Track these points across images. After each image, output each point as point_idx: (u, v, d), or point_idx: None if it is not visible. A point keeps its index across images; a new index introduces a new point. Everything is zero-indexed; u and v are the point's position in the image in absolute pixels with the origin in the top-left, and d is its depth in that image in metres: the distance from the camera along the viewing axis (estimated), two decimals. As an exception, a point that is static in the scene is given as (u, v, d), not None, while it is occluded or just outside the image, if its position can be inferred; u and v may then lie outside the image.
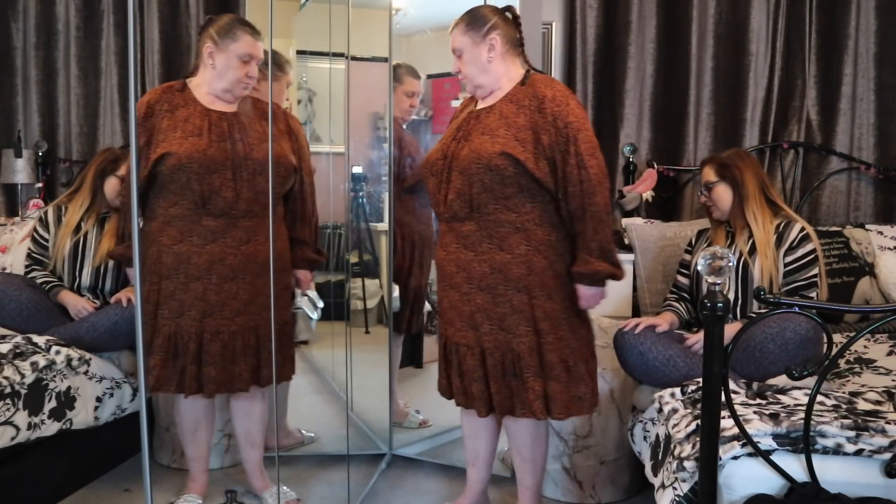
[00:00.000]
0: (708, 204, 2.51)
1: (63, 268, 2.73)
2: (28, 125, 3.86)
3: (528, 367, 2.05)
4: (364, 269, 3.41)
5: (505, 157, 2.00)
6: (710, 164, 2.52)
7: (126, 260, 2.43)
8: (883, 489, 1.58)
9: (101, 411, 2.51)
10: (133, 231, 1.32)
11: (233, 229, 2.27)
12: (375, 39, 2.86)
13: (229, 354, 2.30)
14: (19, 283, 2.64)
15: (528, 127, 2.02)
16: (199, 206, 2.24)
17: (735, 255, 2.37)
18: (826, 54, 3.34)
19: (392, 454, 2.88)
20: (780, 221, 2.39)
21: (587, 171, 1.99)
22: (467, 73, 2.14)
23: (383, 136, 3.13)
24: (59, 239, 2.73)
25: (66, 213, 2.76)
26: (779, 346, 2.04)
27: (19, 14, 3.82)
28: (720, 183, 2.46)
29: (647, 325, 2.28)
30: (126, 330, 2.53)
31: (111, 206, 2.76)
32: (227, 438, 2.76)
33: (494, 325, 2.07)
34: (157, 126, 2.25)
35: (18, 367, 2.25)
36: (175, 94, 2.30)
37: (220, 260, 2.26)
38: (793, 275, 2.32)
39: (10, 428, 2.19)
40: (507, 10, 2.17)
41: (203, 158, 2.20)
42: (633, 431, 2.28)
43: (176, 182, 2.22)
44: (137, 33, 3.62)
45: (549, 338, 2.05)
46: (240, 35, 2.27)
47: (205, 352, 2.27)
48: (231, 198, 2.24)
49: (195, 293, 2.25)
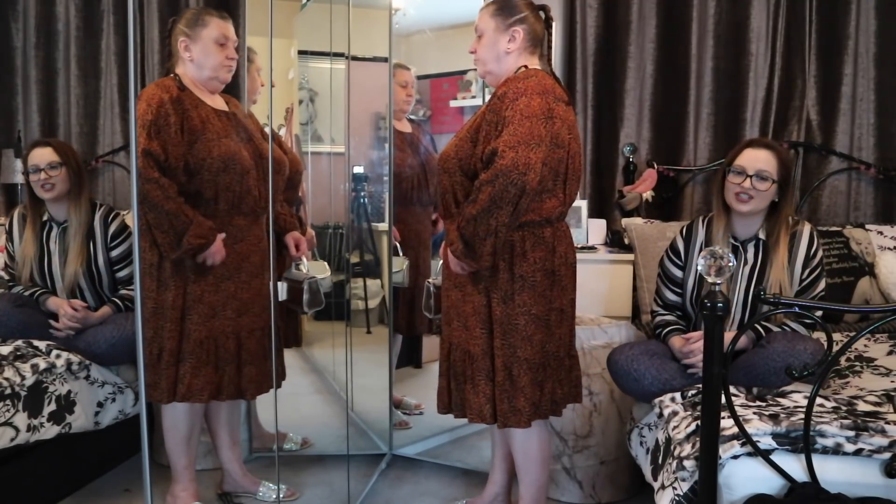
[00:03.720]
0: (748, 193, 2.15)
1: (38, 282, 2.61)
2: (28, 125, 3.85)
3: (480, 370, 2.06)
4: (365, 268, 3.41)
5: (456, 160, 2.06)
6: (773, 153, 2.17)
7: (199, 249, 2.19)
8: (883, 489, 1.58)
9: (102, 416, 2.50)
10: (134, 231, 1.32)
11: (254, 227, 2.34)
12: (375, 39, 2.86)
13: (262, 352, 2.33)
14: (7, 307, 2.49)
15: (478, 126, 2.04)
16: (233, 206, 2.27)
17: (744, 277, 2.21)
18: (826, 54, 3.34)
19: (392, 454, 2.88)
20: (790, 232, 2.21)
21: (500, 159, 1.90)
22: (481, 55, 2.13)
23: (384, 136, 3.13)
24: (20, 259, 2.60)
25: (25, 227, 2.61)
26: (782, 380, 1.97)
27: (19, 14, 3.82)
28: (775, 185, 2.16)
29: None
30: (125, 348, 2.47)
31: (53, 216, 2.60)
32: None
33: (461, 323, 2.11)
34: (184, 127, 2.19)
35: (19, 368, 2.25)
36: (182, 93, 2.25)
37: (247, 258, 2.30)
38: (804, 293, 2.19)
39: (9, 429, 2.18)
40: (542, 8, 2.14)
41: (241, 159, 2.26)
42: (630, 437, 2.26)
43: (217, 184, 2.22)
44: (137, 33, 3.62)
45: (497, 342, 2.04)
46: (209, 20, 2.28)
47: (244, 351, 2.29)
48: (257, 196, 2.32)
49: (227, 293, 2.26)
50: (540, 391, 2.07)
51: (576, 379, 2.19)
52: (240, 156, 2.26)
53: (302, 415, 3.09)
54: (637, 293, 3.11)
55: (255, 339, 2.32)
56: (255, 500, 2.53)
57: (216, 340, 2.25)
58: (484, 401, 2.06)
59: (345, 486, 2.59)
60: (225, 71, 2.32)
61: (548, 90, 1.98)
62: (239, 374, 2.30)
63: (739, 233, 2.24)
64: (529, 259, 2.03)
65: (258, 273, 2.33)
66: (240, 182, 2.26)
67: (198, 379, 2.23)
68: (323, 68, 3.54)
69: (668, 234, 3.08)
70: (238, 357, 2.29)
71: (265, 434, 2.89)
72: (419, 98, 3.28)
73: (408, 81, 3.05)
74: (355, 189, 3.20)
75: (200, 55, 2.28)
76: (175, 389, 2.24)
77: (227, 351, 2.27)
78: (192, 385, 2.23)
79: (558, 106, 2.00)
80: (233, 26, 2.34)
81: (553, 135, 1.97)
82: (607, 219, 3.50)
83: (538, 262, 2.04)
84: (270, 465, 2.76)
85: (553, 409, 2.12)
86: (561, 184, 2.05)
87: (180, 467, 2.39)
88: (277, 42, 2.99)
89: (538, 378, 2.06)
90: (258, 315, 2.33)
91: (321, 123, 3.65)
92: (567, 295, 2.13)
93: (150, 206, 2.11)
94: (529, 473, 2.20)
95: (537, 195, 2.00)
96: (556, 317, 2.09)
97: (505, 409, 2.04)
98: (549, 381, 2.09)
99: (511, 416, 2.05)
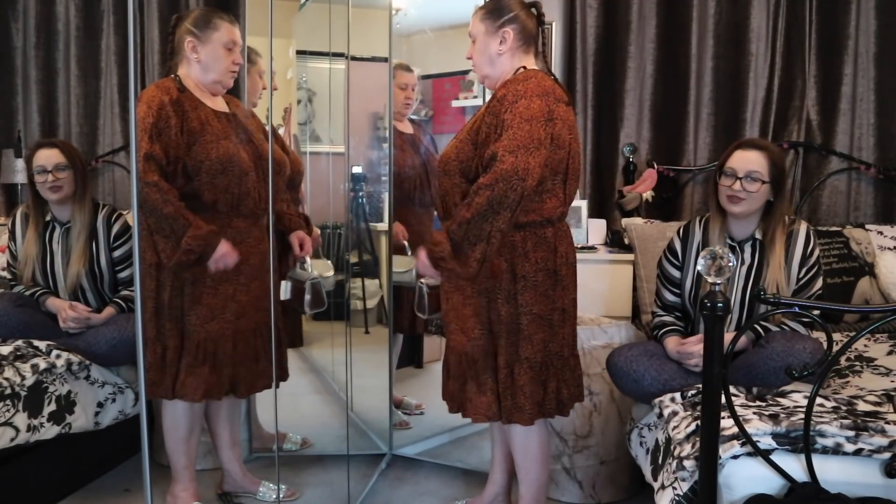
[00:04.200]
0: (740, 196, 2.15)
1: (40, 282, 2.62)
2: (28, 125, 3.86)
3: (484, 369, 2.07)
4: (364, 269, 3.41)
5: (456, 162, 2.05)
6: (763, 153, 2.16)
7: (203, 248, 2.16)
8: (883, 489, 1.58)
9: (102, 416, 2.50)
10: (134, 231, 1.32)
11: (254, 228, 2.33)
12: (375, 39, 2.86)
13: (254, 353, 2.33)
14: (7, 307, 2.49)
15: (478, 129, 2.03)
16: (232, 208, 2.26)
17: (742, 277, 2.21)
18: (826, 54, 3.34)
19: (392, 454, 2.88)
20: (787, 231, 2.20)
21: (500, 164, 1.89)
22: (476, 61, 2.14)
23: (383, 136, 3.13)
24: (22, 259, 2.61)
25: (26, 225, 2.62)
26: (781, 379, 1.97)
27: (19, 14, 3.82)
28: (767, 185, 2.15)
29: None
30: (126, 349, 2.47)
31: (57, 217, 2.60)
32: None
33: (458, 327, 2.11)
34: (183, 129, 2.19)
35: (19, 368, 2.25)
36: (182, 95, 2.23)
37: (246, 259, 2.28)
38: (801, 291, 2.19)
39: (9, 429, 2.18)
40: (533, 6, 2.13)
41: (240, 161, 2.25)
42: (629, 437, 2.26)
43: (216, 186, 2.21)
44: (137, 33, 3.62)
45: (501, 341, 2.05)
46: (220, 24, 2.26)
47: (237, 352, 2.29)
48: (257, 198, 2.31)
49: (226, 295, 2.25)
50: (543, 390, 2.07)
51: (578, 378, 2.20)
52: (238, 157, 2.25)
53: (302, 415, 3.09)
54: (637, 293, 3.11)
55: (249, 340, 2.32)
56: (255, 500, 2.53)
57: (215, 343, 2.25)
58: (492, 398, 2.07)
59: (345, 486, 2.59)
60: (229, 76, 2.31)
61: (548, 91, 1.97)
62: (231, 373, 2.30)
63: (736, 233, 2.24)
64: (531, 259, 2.03)
65: (257, 275, 2.33)
66: (238, 184, 2.25)
67: (192, 378, 2.23)
68: (322, 68, 3.54)
69: (668, 234, 3.07)
70: (233, 358, 2.29)
71: (265, 434, 2.89)
72: (421, 98, 3.27)
73: (408, 84, 3.03)
74: (353, 189, 3.20)
75: (208, 58, 2.25)
76: (174, 387, 2.25)
77: (225, 353, 2.27)
78: (186, 383, 2.23)
79: (559, 107, 1.99)
80: (239, 32, 2.32)
81: (554, 135, 1.97)
82: (607, 219, 3.51)
83: (540, 262, 2.04)
84: (270, 465, 2.76)
85: (559, 409, 2.12)
86: (561, 183, 2.05)
87: (180, 467, 2.39)
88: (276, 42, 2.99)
89: (540, 377, 2.06)
90: (254, 317, 2.33)
91: (319, 123, 3.65)
92: (569, 294, 2.13)
93: (150, 211, 2.10)
94: (530, 473, 2.20)
95: (538, 195, 2.00)
96: (559, 316, 2.09)
97: (508, 406, 2.06)
98: (552, 381, 2.09)
99: (514, 412, 2.06)
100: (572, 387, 2.16)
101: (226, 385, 2.30)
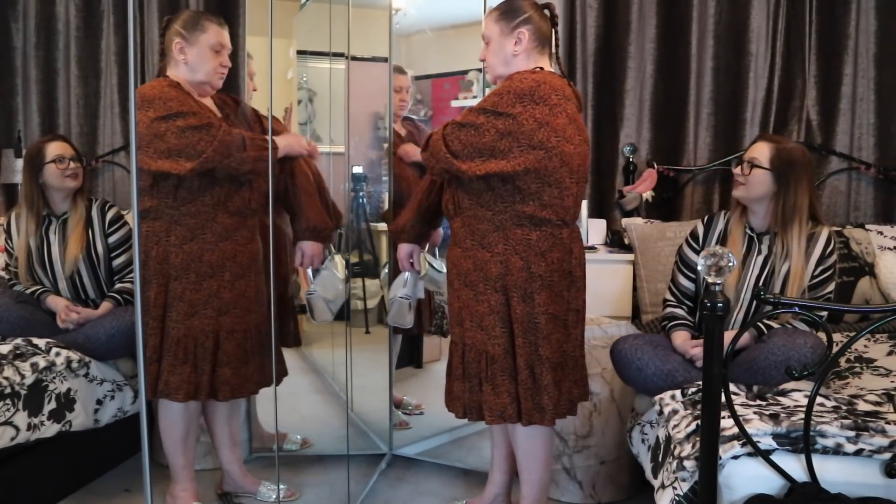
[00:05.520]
0: (739, 180, 2.25)
1: (38, 278, 2.66)
2: (28, 125, 3.85)
3: (502, 369, 2.05)
4: (364, 268, 3.41)
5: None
6: (769, 145, 2.23)
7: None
8: (883, 489, 1.58)
9: (101, 414, 2.50)
10: (134, 231, 1.33)
11: (242, 228, 2.30)
12: (375, 39, 2.86)
13: (241, 355, 2.30)
14: (8, 303, 2.54)
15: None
16: (218, 204, 2.24)
17: (757, 266, 2.23)
18: (826, 54, 3.34)
19: (392, 454, 2.88)
20: (809, 234, 2.21)
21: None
22: (490, 62, 2.13)
23: (383, 136, 3.13)
24: (18, 253, 2.66)
25: (21, 223, 2.66)
26: (782, 375, 1.96)
27: (19, 14, 3.81)
28: (768, 173, 2.20)
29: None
30: (124, 339, 2.49)
31: (54, 210, 2.66)
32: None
33: (474, 324, 2.09)
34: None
35: (18, 367, 2.25)
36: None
37: (232, 257, 2.27)
38: (813, 290, 2.20)
39: (9, 428, 2.19)
40: (546, 6, 2.14)
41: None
42: (631, 434, 2.27)
43: (200, 182, 2.20)
44: (137, 33, 3.62)
45: (519, 341, 2.04)
46: (207, 26, 2.27)
47: (221, 352, 2.26)
48: (248, 196, 2.29)
49: (208, 291, 2.24)
50: (559, 391, 2.08)
51: (585, 378, 2.21)
52: None
53: (302, 415, 3.09)
54: (637, 293, 3.11)
55: (234, 340, 2.29)
56: (255, 501, 2.53)
57: (195, 339, 2.24)
58: (509, 400, 2.05)
59: (345, 486, 2.59)
60: (217, 78, 2.31)
61: (556, 89, 1.99)
62: (214, 374, 2.27)
63: (755, 224, 2.28)
64: (548, 259, 2.04)
65: (243, 274, 2.30)
66: (224, 182, 2.22)
67: (174, 377, 2.23)
68: (322, 68, 3.54)
69: (668, 234, 3.08)
70: (214, 357, 2.27)
71: (265, 434, 2.89)
72: (420, 98, 3.27)
73: (402, 87, 3.01)
74: (354, 189, 3.19)
75: (195, 59, 2.26)
76: (156, 386, 2.24)
77: (206, 350, 2.25)
78: (169, 382, 2.23)
79: (569, 105, 2.01)
80: (228, 34, 2.33)
81: (577, 130, 2.02)
82: (607, 219, 3.51)
83: (556, 262, 2.04)
84: (270, 465, 2.76)
85: (570, 409, 2.13)
86: (576, 183, 2.05)
87: (179, 467, 2.38)
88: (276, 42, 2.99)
89: (557, 377, 2.07)
90: (240, 317, 2.30)
91: (320, 123, 3.65)
92: (581, 295, 2.15)
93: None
94: (533, 474, 2.20)
95: (558, 190, 2.01)
96: (573, 317, 2.11)
97: (530, 407, 2.04)
98: (566, 381, 2.10)
99: (535, 413, 2.05)
100: (581, 387, 2.17)
101: (207, 387, 2.26)
